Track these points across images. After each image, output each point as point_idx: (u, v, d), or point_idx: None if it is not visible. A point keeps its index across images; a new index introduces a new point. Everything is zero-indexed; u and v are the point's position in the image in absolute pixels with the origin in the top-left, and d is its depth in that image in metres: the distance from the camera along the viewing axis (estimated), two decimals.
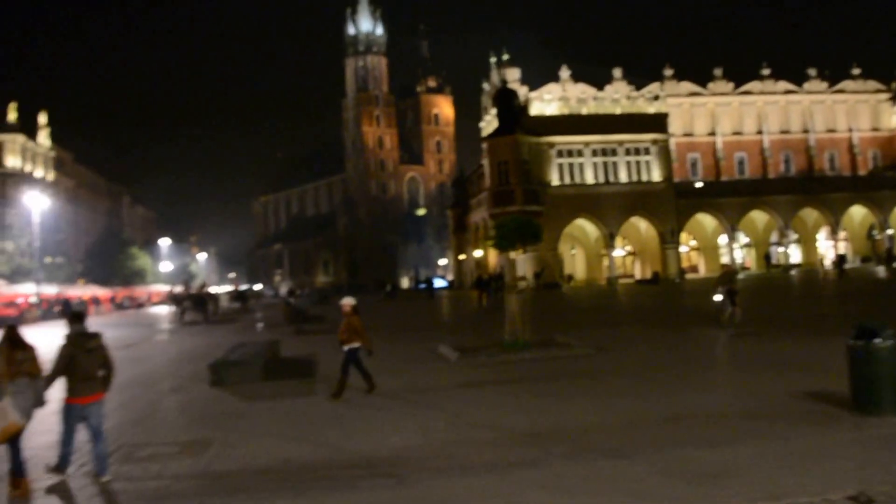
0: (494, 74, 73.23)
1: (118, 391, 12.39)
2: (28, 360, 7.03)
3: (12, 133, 63.59)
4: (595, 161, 61.00)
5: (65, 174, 73.73)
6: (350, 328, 11.45)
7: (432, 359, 16.42)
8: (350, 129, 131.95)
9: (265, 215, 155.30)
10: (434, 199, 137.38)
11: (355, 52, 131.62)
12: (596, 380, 12.32)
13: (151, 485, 7.32)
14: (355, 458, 7.99)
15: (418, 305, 46.58)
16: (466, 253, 76.98)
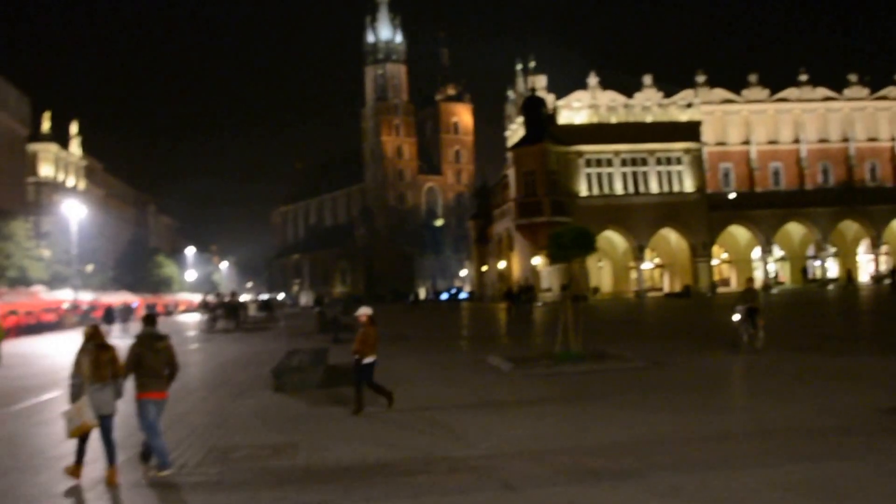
0: (520, 82, 72.74)
1: (185, 395, 13.26)
2: (111, 361, 7.56)
3: (46, 142, 64.08)
4: (624, 171, 60.01)
5: (95, 183, 74.20)
6: (366, 340, 10.69)
7: (485, 369, 16.03)
8: (369, 139, 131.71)
9: (284, 225, 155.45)
10: (452, 210, 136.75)
11: (374, 60, 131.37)
12: (666, 392, 11.91)
13: (262, 481, 7.39)
14: (454, 463, 7.84)
15: (446, 315, 45.99)
16: (489, 264, 76.44)
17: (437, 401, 11.88)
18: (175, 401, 9.60)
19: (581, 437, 8.94)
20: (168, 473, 7.57)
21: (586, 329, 25.51)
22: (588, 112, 61.36)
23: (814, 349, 16.80)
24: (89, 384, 7.35)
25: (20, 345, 30.69)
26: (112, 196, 77.91)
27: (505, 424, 9.84)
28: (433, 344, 23.66)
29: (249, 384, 15.14)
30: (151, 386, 7.63)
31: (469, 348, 22.28)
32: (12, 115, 59.05)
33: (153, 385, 7.63)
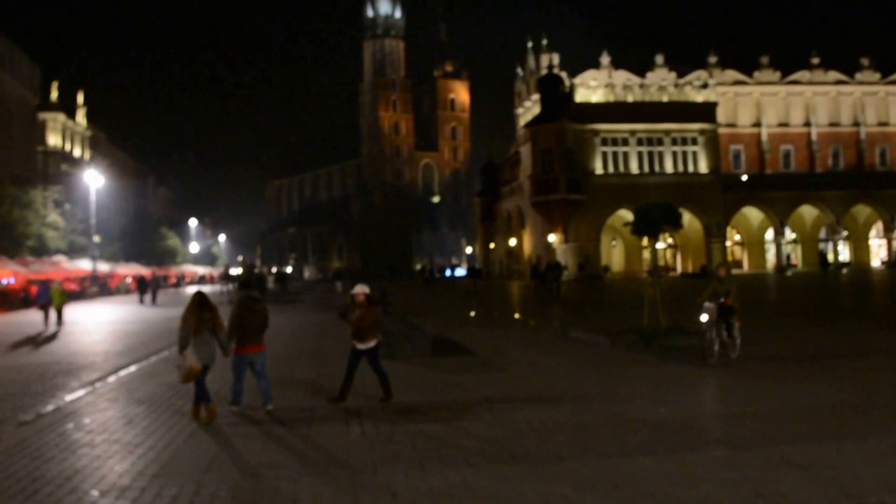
0: (531, 59, 72.40)
1: (305, 359, 14.27)
2: (211, 320, 8.85)
3: (54, 112, 63.11)
4: (640, 150, 60.06)
5: (99, 153, 73.21)
6: (363, 322, 9.37)
7: (580, 344, 16.08)
8: (366, 114, 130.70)
9: (278, 199, 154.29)
10: (448, 187, 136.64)
11: (373, 35, 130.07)
12: (794, 365, 12.30)
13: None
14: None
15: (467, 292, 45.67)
16: (496, 241, 76.41)
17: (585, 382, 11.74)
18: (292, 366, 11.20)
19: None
20: (271, 408, 9.05)
21: (624, 307, 25.76)
22: (604, 91, 61.15)
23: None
24: (193, 337, 8.67)
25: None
26: (115, 167, 76.85)
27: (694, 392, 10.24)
28: (496, 320, 23.66)
29: (342, 352, 15.09)
30: (249, 342, 9.07)
31: (538, 324, 22.27)
32: (24, 83, 57.91)
33: (251, 341, 9.08)
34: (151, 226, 67.87)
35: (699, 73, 64.06)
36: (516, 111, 74.45)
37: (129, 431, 8.41)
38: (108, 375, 12.77)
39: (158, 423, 8.82)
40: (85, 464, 6.91)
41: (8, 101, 55.36)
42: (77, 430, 8.49)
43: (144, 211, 75.11)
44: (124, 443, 7.83)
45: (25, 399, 10.60)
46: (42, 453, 7.30)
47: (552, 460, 6.69)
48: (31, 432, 8.33)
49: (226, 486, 6.02)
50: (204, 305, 8.96)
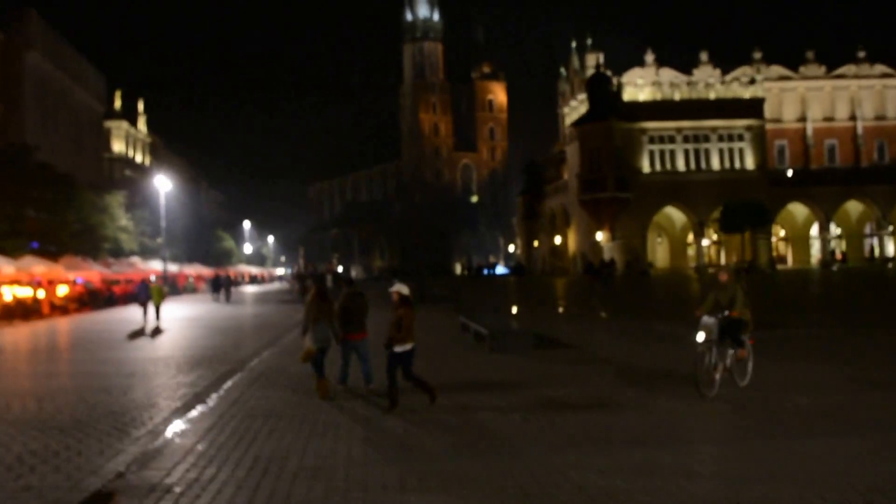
0: (575, 59, 73.49)
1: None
2: (328, 310, 10.28)
3: (118, 120, 66.03)
4: (686, 147, 60.90)
5: (158, 159, 76.13)
6: (400, 323, 9.06)
7: (665, 336, 16.85)
8: (406, 116, 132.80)
9: (320, 200, 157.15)
10: (486, 186, 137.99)
11: (412, 38, 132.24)
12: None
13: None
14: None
15: (525, 290, 46.76)
16: (540, 239, 77.64)
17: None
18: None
19: None
20: (373, 387, 10.26)
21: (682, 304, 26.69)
22: (651, 89, 62.04)
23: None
24: (312, 324, 10.10)
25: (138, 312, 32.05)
26: (172, 172, 79.60)
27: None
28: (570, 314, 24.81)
29: (450, 345, 16.13)
30: (353, 330, 10.29)
31: (608, 317, 23.37)
32: (91, 93, 60.74)
33: (355, 329, 10.30)
34: (208, 228, 70.33)
35: (744, 69, 64.62)
36: (561, 111, 75.55)
37: (298, 409, 9.36)
38: (240, 366, 14.12)
39: (314, 404, 9.77)
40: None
41: (78, 110, 58.19)
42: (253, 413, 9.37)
43: (201, 214, 77.64)
44: (313, 422, 8.70)
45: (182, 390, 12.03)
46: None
47: (700, 442, 7.85)
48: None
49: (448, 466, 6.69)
50: (323, 297, 10.41)
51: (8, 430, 8.72)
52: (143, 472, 6.78)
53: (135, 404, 10.38)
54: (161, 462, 7.09)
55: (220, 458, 7.16)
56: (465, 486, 6.07)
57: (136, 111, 71.00)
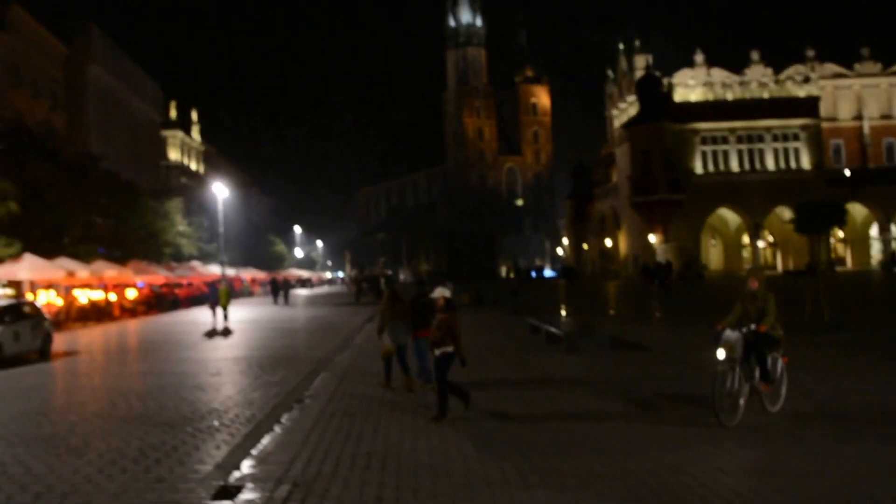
0: (622, 61, 73.11)
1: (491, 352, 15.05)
2: (402, 309, 10.94)
3: (173, 129, 67.87)
4: (740, 148, 60.03)
5: (211, 166, 77.98)
6: (444, 327, 8.96)
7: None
8: (451, 121, 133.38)
9: (366, 206, 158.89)
10: (531, 190, 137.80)
11: (456, 44, 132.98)
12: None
13: None
14: None
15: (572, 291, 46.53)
16: (589, 242, 77.25)
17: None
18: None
19: None
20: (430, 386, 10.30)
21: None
22: (702, 89, 61.37)
23: None
24: (389, 322, 10.79)
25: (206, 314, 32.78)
26: (225, 178, 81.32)
27: None
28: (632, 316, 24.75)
29: (523, 346, 16.38)
30: (422, 328, 10.55)
31: (665, 319, 23.25)
32: (149, 104, 62.53)
33: (423, 327, 10.50)
34: (261, 233, 71.65)
35: (797, 67, 63.50)
36: (609, 113, 75.15)
37: (395, 408, 9.92)
38: (322, 366, 14.44)
39: (408, 402, 10.50)
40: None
41: (137, 120, 59.97)
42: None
43: (254, 219, 79.09)
44: (412, 419, 9.20)
45: (273, 388, 12.50)
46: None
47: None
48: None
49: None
50: (396, 298, 11.19)
51: (122, 426, 9.13)
52: (263, 466, 7.05)
53: (233, 402, 10.75)
54: (278, 457, 7.35)
55: (333, 453, 7.39)
56: (588, 484, 6.16)
57: (190, 120, 72.80)
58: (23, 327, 16.51)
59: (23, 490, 6.42)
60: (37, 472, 7.02)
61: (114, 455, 7.64)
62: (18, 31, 40.83)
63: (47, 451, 7.91)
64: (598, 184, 75.28)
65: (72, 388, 13.27)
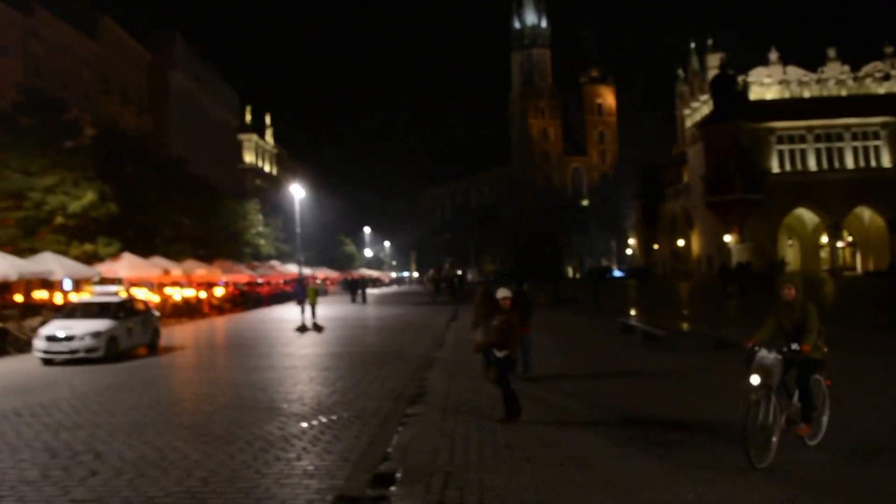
0: (694, 60, 71.91)
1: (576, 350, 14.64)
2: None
3: (248, 133, 69.93)
4: (818, 147, 58.43)
5: (283, 168, 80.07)
6: (505, 329, 8.82)
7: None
8: (515, 122, 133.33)
9: (431, 206, 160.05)
10: (597, 190, 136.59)
11: (520, 45, 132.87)
12: None
13: None
14: None
15: (646, 292, 46.03)
16: (659, 242, 76.27)
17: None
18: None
19: None
20: (531, 375, 11.70)
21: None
22: (778, 88, 59.97)
23: None
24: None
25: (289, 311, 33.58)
26: (297, 180, 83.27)
27: None
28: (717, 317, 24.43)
29: (618, 346, 16.43)
30: (521, 324, 10.78)
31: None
32: (227, 109, 64.55)
33: (522, 323, 10.82)
34: (332, 233, 73.05)
35: (876, 64, 61.52)
36: (680, 112, 74.00)
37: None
38: (427, 362, 14.77)
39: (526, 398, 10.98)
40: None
41: (217, 125, 62.03)
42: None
43: (325, 220, 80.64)
44: (536, 414, 9.74)
45: (387, 383, 12.86)
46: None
47: None
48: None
49: None
50: (489, 296, 11.44)
51: (256, 417, 9.57)
52: (408, 456, 7.31)
53: (352, 395, 11.14)
54: (419, 447, 7.61)
55: (472, 445, 7.61)
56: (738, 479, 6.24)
57: (263, 124, 74.76)
58: (135, 323, 17.35)
59: (188, 475, 6.81)
60: (195, 458, 7.43)
61: (261, 443, 8.05)
62: (108, 40, 42.61)
63: (196, 438, 8.36)
64: (668, 184, 74.23)
65: (191, 380, 13.92)
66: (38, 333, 16.12)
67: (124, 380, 13.60)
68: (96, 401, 11.15)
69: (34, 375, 14.26)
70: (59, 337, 15.64)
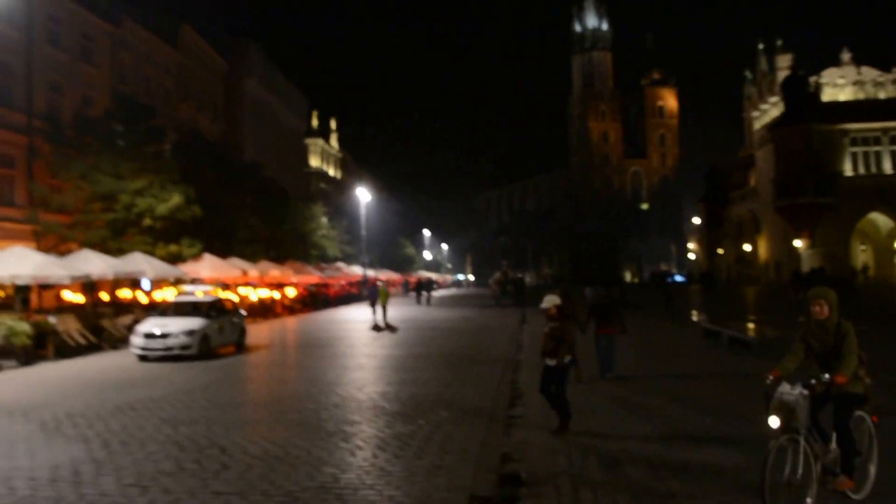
0: (762, 61, 70.47)
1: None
2: (571, 309, 12.15)
3: (314, 137, 71.43)
4: (893, 149, 56.54)
5: (347, 172, 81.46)
6: (556, 337, 8.53)
7: None
8: (575, 125, 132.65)
9: (487, 210, 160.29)
10: (657, 193, 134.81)
11: (581, 48, 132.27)
12: None
13: None
14: None
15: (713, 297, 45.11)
16: (724, 247, 74.82)
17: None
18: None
19: None
20: (611, 376, 12.33)
21: None
22: (852, 89, 58.25)
23: None
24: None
25: (357, 312, 34.03)
26: (360, 184, 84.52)
27: None
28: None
29: (704, 351, 16.47)
30: (604, 326, 12.55)
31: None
32: (295, 114, 66.21)
33: (605, 326, 12.53)
34: (392, 236, 73.83)
35: None
36: (747, 114, 72.58)
37: (617, 403, 10.58)
38: (514, 364, 14.92)
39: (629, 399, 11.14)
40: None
41: (286, 130, 63.59)
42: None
43: (387, 223, 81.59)
44: (650, 414, 9.89)
45: (484, 383, 12.98)
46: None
47: None
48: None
49: None
50: (567, 299, 12.02)
51: (362, 415, 9.81)
52: (527, 456, 7.35)
53: (448, 394, 11.31)
54: (534, 448, 7.67)
55: (592, 448, 7.62)
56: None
57: (329, 129, 76.18)
58: (225, 322, 17.89)
59: (317, 470, 7.03)
60: (317, 454, 7.66)
61: (376, 441, 8.27)
62: (187, 48, 43.93)
63: (310, 435, 8.60)
64: (734, 187, 72.74)
65: (285, 378, 14.18)
66: (136, 331, 16.75)
67: (221, 377, 14.06)
68: (203, 397, 11.59)
69: (134, 371, 14.84)
70: (156, 334, 16.24)
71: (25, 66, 28.46)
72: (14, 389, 12.48)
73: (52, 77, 30.30)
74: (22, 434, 8.72)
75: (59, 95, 30.59)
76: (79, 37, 32.34)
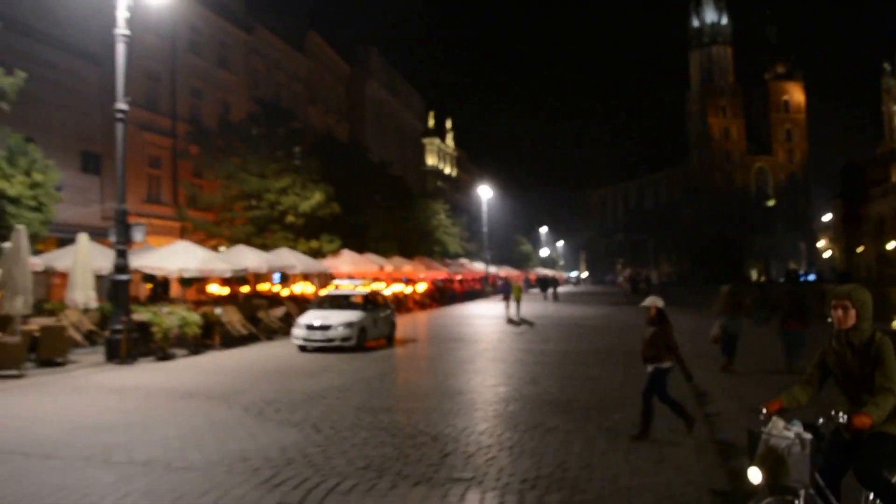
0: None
1: None
2: (737, 304, 13.50)
3: (431, 137, 72.57)
4: None
5: (463, 170, 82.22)
6: (657, 342, 8.11)
7: None
8: (694, 121, 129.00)
9: (602, 207, 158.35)
10: (784, 190, 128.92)
11: (699, 43, 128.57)
12: None
13: None
14: None
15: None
16: (864, 245, 70.62)
17: None
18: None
19: None
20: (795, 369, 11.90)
21: None
22: None
23: None
24: (724, 314, 13.20)
25: (484, 307, 33.99)
26: (476, 183, 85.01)
27: None
28: None
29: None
30: (791, 320, 12.68)
31: None
32: (414, 114, 67.41)
33: (793, 319, 12.67)
34: (509, 232, 73.72)
35: None
36: (889, 107, 68.18)
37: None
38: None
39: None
40: None
41: (404, 129, 64.97)
42: None
43: (504, 220, 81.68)
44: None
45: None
46: None
47: None
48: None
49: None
50: (733, 294, 13.55)
51: (554, 408, 9.63)
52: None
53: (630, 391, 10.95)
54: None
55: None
56: None
57: (444, 128, 77.04)
58: (378, 315, 18.15)
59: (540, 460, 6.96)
60: (530, 445, 7.61)
61: (580, 434, 8.10)
62: (314, 54, 45.36)
63: (510, 426, 8.56)
64: (874, 183, 68.42)
65: (452, 371, 13.69)
66: (297, 322, 17.23)
67: (387, 368, 14.25)
68: (384, 386, 11.78)
69: (302, 360, 15.21)
70: (316, 326, 16.63)
71: (170, 74, 29.95)
72: (196, 376, 12.99)
73: (194, 83, 31.80)
74: (232, 419, 8.98)
75: (200, 101, 32.06)
76: (217, 45, 33.81)
